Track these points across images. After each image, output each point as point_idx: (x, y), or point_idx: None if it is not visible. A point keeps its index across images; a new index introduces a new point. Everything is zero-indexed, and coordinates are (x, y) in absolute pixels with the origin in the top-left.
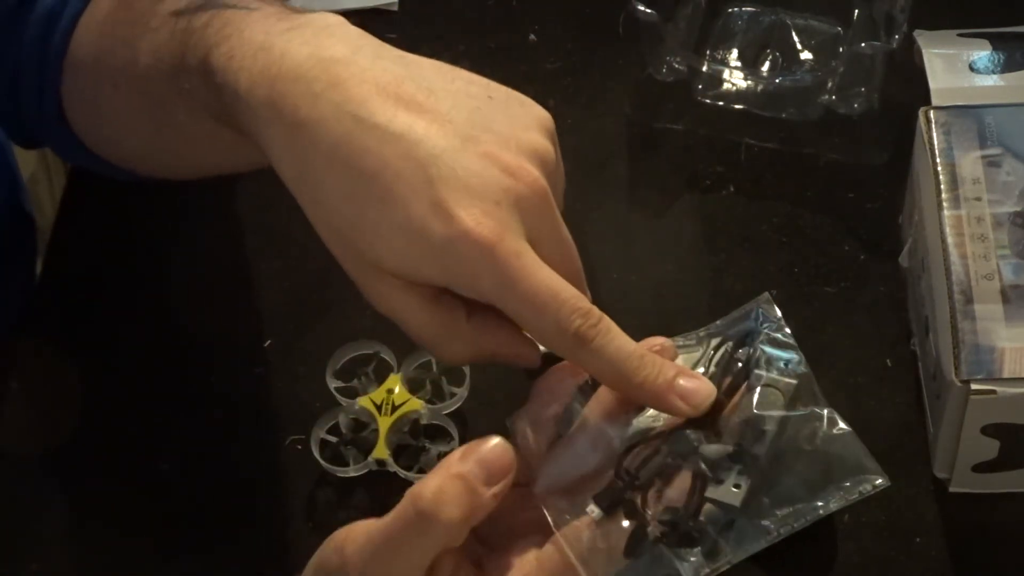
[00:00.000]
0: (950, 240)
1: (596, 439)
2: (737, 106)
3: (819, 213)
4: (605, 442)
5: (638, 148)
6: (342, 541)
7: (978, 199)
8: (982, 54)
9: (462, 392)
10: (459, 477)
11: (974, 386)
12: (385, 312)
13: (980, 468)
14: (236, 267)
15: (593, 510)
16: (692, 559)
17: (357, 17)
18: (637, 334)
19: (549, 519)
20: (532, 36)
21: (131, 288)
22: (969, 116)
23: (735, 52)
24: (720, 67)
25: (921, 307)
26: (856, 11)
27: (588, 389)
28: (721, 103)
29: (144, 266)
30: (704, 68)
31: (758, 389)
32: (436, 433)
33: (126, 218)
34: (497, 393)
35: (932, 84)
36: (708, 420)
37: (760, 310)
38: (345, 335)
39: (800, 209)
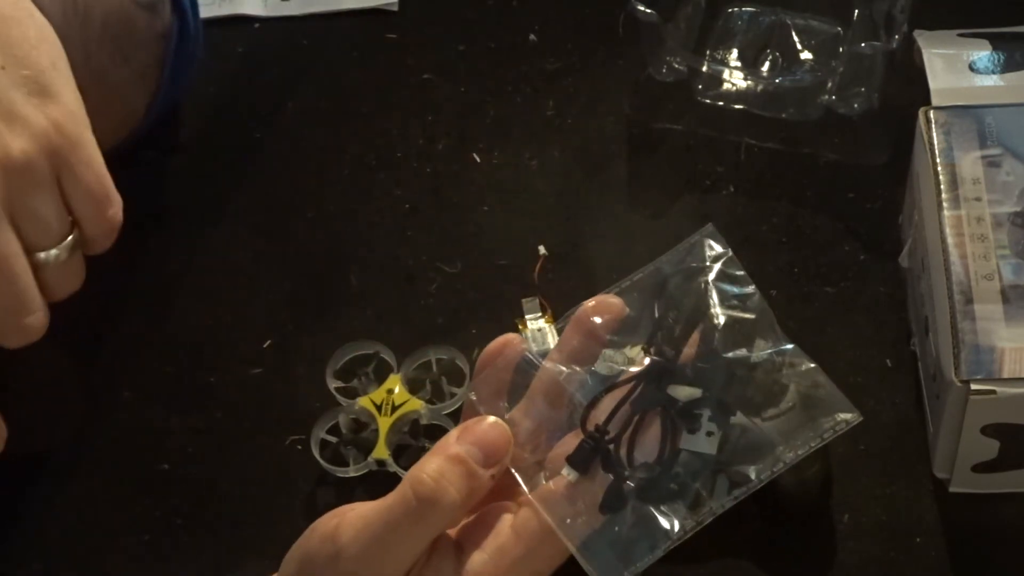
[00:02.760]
0: (950, 240)
1: (555, 397)
2: (737, 106)
3: (819, 213)
4: (565, 398)
5: (638, 148)
6: (334, 529)
7: (978, 199)
8: (982, 54)
9: (462, 392)
10: (458, 460)
11: (974, 386)
12: None
13: (980, 468)
14: (236, 267)
15: (569, 472)
16: (675, 514)
17: (357, 17)
18: None
19: (520, 482)
20: (532, 36)
21: (131, 288)
22: (969, 116)
23: (735, 52)
24: (720, 67)
25: (921, 307)
26: (856, 11)
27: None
28: (721, 103)
29: (143, 266)
30: (704, 68)
31: (718, 329)
32: (436, 433)
33: (125, 217)
34: None
35: (932, 84)
36: (670, 365)
37: (706, 242)
38: (345, 335)
39: (800, 209)
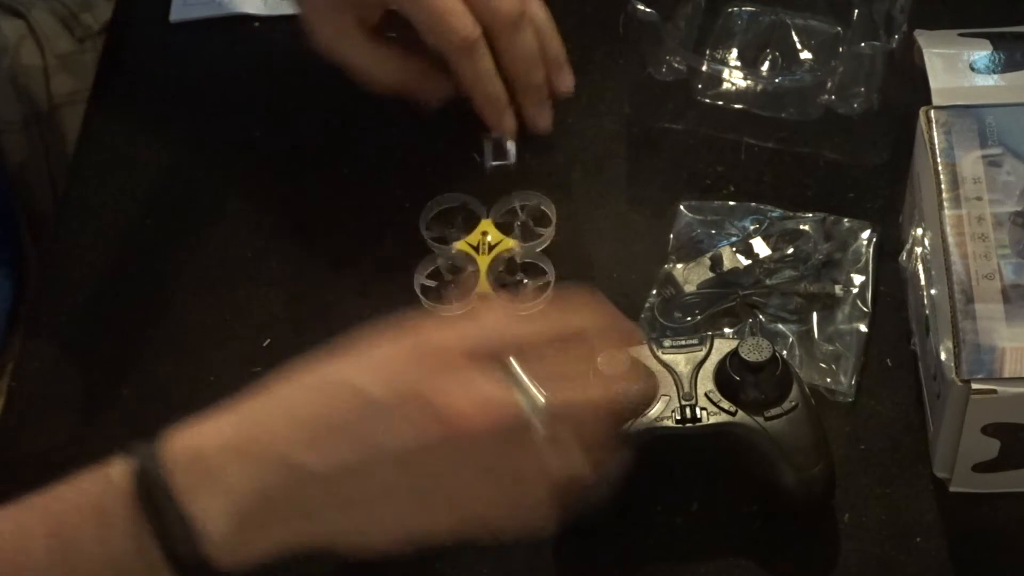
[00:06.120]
0: (951, 240)
1: None
2: (737, 106)
3: (819, 213)
4: None
5: (638, 148)
6: None
7: (979, 199)
8: (982, 54)
9: (549, 231)
10: None
11: (974, 385)
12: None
13: (980, 468)
14: (236, 267)
15: None
16: None
17: None
18: None
19: None
20: None
21: (130, 287)
22: (970, 116)
23: (735, 52)
24: (720, 67)
25: (921, 307)
26: (856, 11)
27: None
28: (721, 103)
29: (143, 265)
30: (704, 68)
31: None
32: (532, 269)
33: (126, 217)
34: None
35: (932, 84)
36: None
37: None
38: (344, 334)
39: (800, 209)
